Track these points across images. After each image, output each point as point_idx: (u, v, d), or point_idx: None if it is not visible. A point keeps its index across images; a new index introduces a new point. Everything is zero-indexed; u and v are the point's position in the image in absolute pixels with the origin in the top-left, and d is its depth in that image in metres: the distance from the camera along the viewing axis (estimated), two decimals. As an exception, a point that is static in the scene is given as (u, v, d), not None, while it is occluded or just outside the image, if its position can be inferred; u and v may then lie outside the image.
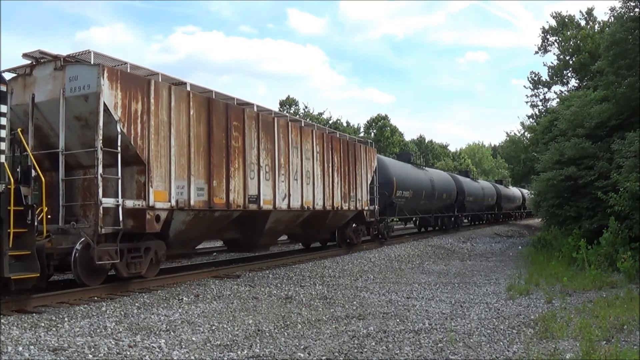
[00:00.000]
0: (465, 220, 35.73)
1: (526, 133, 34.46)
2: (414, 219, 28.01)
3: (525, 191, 48.72)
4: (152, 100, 9.63)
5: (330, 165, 15.83)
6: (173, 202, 9.95)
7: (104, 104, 8.85)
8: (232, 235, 13.04)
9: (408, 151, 57.64)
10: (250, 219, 12.49)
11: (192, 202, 10.34)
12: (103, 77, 8.82)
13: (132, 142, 9.28)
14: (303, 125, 15.00)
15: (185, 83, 10.91)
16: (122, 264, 9.28)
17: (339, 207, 16.22)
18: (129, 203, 9.24)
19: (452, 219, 30.05)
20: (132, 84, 9.40)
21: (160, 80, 10.20)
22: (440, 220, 28.68)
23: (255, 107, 12.86)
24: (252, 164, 12.17)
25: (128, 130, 9.22)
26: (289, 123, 13.90)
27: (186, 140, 10.34)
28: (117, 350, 5.79)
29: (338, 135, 17.15)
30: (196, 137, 10.56)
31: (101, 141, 8.82)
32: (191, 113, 10.46)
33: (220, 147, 11.22)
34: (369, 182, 18.64)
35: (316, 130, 15.34)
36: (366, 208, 18.17)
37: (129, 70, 9.72)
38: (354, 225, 18.09)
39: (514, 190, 47.52)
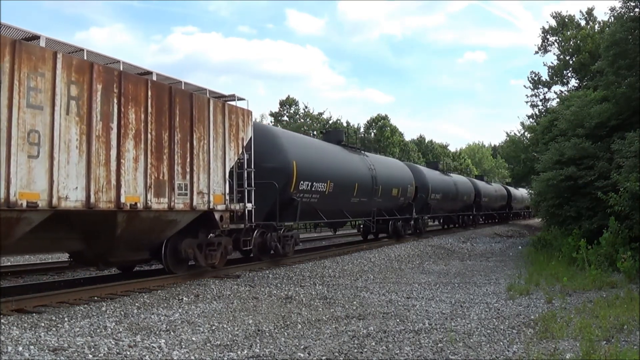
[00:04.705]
0: (436, 222, 31.13)
1: (526, 133, 34.62)
2: (357, 223, 20.87)
3: (512, 189, 43.61)
4: None
5: (117, 126, 8.70)
6: None
7: None
8: None
9: (408, 151, 57.14)
10: None
11: None
12: None
13: None
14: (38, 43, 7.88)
15: None
16: None
17: (143, 205, 9.14)
18: None
19: (411, 222, 22.79)
20: None
21: None
22: (392, 225, 20.94)
23: None
24: None
25: None
26: None
27: None
28: (117, 350, 5.79)
29: (155, 77, 9.98)
30: None
31: None
32: None
33: None
34: (231, 164, 11.45)
35: (74, 60, 8.04)
36: (221, 207, 10.98)
37: None
38: (210, 235, 11.33)
39: (498, 187, 41.26)
